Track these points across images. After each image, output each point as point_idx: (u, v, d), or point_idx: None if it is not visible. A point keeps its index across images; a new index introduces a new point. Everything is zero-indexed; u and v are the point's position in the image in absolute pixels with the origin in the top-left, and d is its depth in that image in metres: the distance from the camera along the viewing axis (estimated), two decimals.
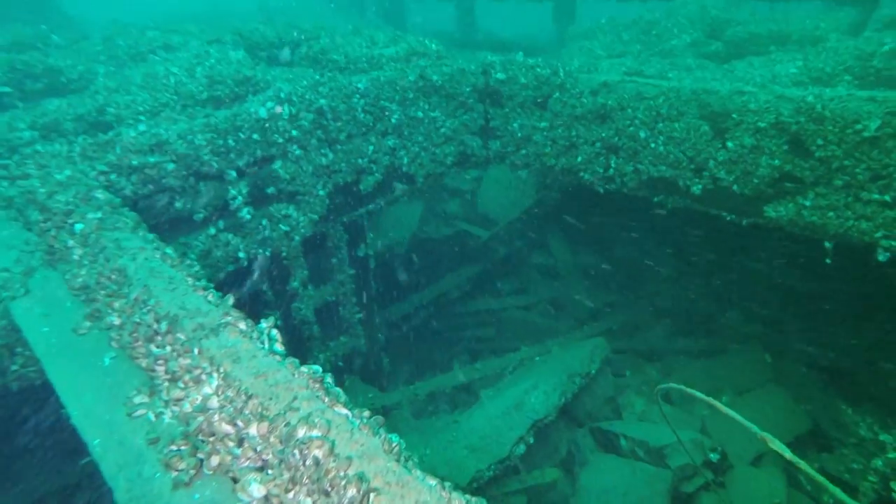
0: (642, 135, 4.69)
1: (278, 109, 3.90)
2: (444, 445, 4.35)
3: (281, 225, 4.24)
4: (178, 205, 3.61)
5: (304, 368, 1.77)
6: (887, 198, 3.69)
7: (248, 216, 4.00)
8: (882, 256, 3.83)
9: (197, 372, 1.74)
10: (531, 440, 4.25)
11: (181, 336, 1.88)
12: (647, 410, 5.13)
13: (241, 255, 3.99)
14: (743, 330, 6.18)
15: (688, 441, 4.35)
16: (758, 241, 5.71)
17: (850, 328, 5.68)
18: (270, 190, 4.13)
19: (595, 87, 4.86)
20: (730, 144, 4.24)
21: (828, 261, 4.13)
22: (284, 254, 4.38)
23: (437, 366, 7.39)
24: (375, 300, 5.60)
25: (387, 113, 4.79)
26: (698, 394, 2.70)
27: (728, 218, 4.54)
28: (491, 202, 8.82)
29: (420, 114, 5.04)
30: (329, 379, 1.78)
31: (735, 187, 4.33)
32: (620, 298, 7.47)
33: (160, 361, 1.81)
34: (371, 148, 4.75)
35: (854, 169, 3.76)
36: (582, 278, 7.97)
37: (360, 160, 4.69)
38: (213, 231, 3.82)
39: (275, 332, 2.01)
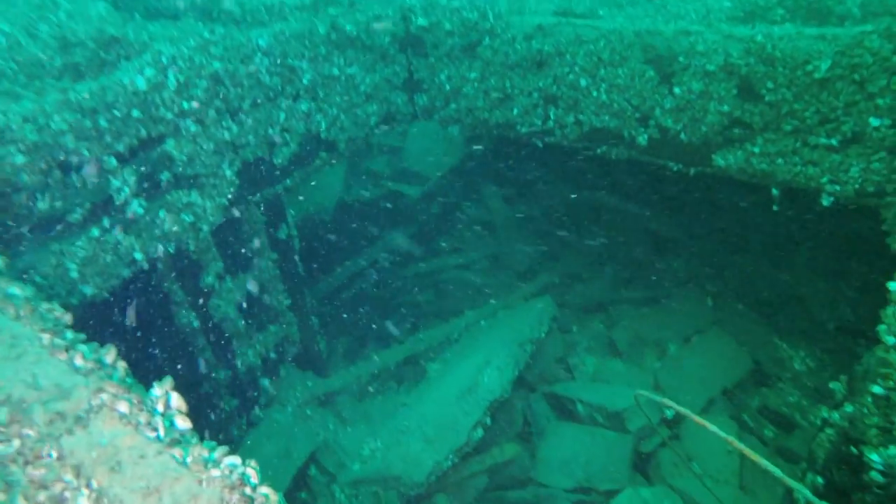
0: (583, 83, 4.32)
1: (162, 79, 3.18)
2: (395, 437, 4.04)
3: (183, 215, 3.59)
4: (41, 205, 2.89)
5: (216, 472, 1.30)
6: (834, 142, 3.57)
7: (141, 210, 3.33)
8: (826, 201, 3.74)
9: (56, 489, 1.24)
10: (488, 422, 4.03)
11: (30, 432, 1.35)
12: (599, 369, 5.03)
13: (137, 256, 3.34)
14: (683, 274, 6.19)
15: (647, 401, 4.27)
16: (697, 188, 5.61)
17: (779, 266, 5.79)
18: (165, 176, 3.44)
19: (529, 31, 4.39)
20: (677, 90, 3.96)
21: (775, 207, 4.03)
22: (192, 248, 3.74)
23: (378, 336, 7.04)
24: (304, 281, 5.07)
25: (297, 73, 4.11)
26: (672, 404, 2.51)
27: (675, 168, 4.33)
28: (419, 157, 8.29)
29: (335, 71, 4.39)
30: (255, 477, 1.33)
31: (682, 136, 4.08)
32: (560, 249, 7.31)
33: None
34: (282, 115, 4.09)
35: (804, 113, 3.59)
36: (519, 230, 7.74)
37: (270, 130, 4.04)
38: (96, 232, 3.13)
39: (174, 398, 1.52)
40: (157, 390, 1.48)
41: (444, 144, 8.14)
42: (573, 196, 7.28)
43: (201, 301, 3.99)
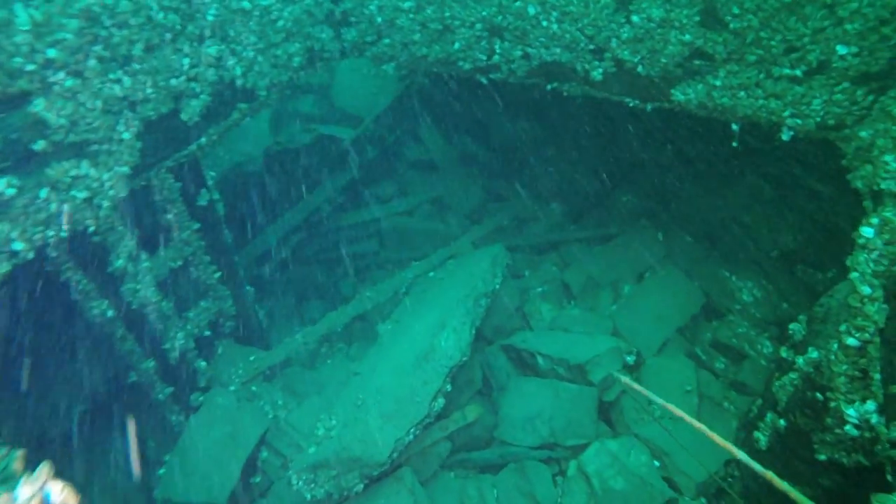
0: (531, 11, 3.87)
1: (8, 17, 2.50)
2: (352, 413, 3.77)
3: (74, 192, 2.99)
4: None
5: None
6: (798, 72, 3.35)
7: (13, 190, 2.72)
8: (786, 135, 3.59)
9: None
10: (448, 388, 3.82)
11: None
12: (556, 317, 4.91)
13: (16, 246, 2.76)
14: (632, 208, 6.07)
15: (606, 351, 4.19)
16: (645, 122, 5.38)
17: (723, 195, 5.76)
18: (39, 145, 2.81)
19: None
20: (635, 19, 3.59)
21: (734, 144, 3.85)
22: (92, 229, 3.16)
23: (322, 293, 6.65)
24: (233, 249, 4.56)
25: (198, 7, 3.42)
26: (652, 395, 2.31)
27: (631, 104, 4.04)
28: (349, 96, 7.62)
29: (246, 3, 3.71)
30: None
31: (640, 69, 3.76)
32: (505, 187, 7.03)
33: None
34: (186, 61, 3.44)
35: (769, 41, 3.33)
36: (461, 167, 7.36)
37: (173, 80, 3.39)
38: None
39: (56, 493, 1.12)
40: (26, 489, 1.08)
41: (376, 81, 7.49)
42: (519, 130, 6.93)
43: (112, 288, 3.45)
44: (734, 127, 3.77)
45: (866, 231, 2.64)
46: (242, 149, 6.74)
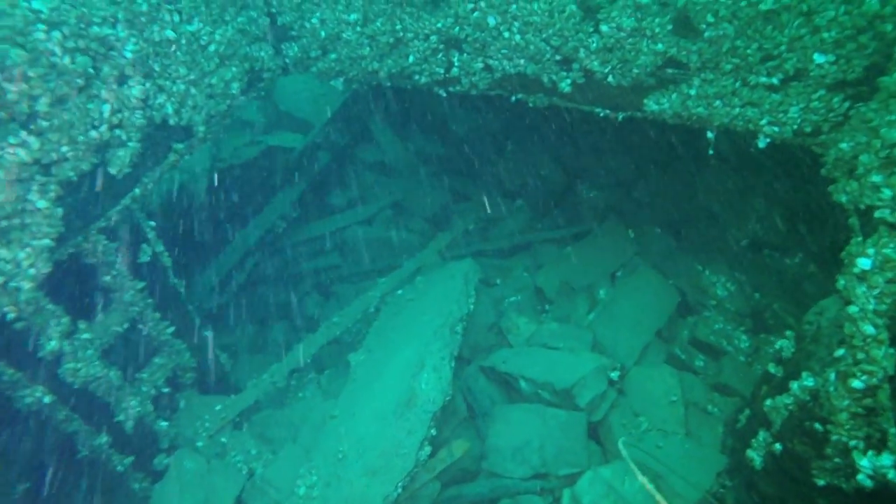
0: (491, 22, 3.56)
1: None
2: (333, 469, 3.54)
3: None
4: None
5: None
6: (775, 80, 3.20)
7: None
8: (762, 143, 3.46)
9: None
10: (434, 433, 3.63)
11: None
12: (535, 332, 4.75)
13: None
14: (599, 204, 5.93)
15: (591, 371, 4.06)
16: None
17: (689, 186, 5.68)
18: None
19: None
20: (604, 28, 3.34)
21: (710, 152, 3.71)
22: (12, 316, 2.75)
23: (285, 313, 6.30)
24: (187, 296, 4.18)
25: (113, 44, 2.97)
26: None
27: (602, 114, 3.82)
28: (294, 99, 7.13)
29: (170, 32, 3.26)
30: None
31: (611, 79, 3.54)
32: (467, 185, 6.77)
33: None
34: (106, 107, 2.99)
35: (745, 50, 3.15)
36: (420, 167, 7.04)
37: (92, 132, 2.95)
38: None
39: None
40: None
41: (323, 82, 7.01)
42: (479, 125, 6.63)
43: (47, 372, 3.05)
44: (709, 135, 3.61)
45: (863, 262, 2.54)
46: (184, 165, 6.21)
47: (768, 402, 3.25)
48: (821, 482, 2.85)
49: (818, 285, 5.10)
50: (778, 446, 3.09)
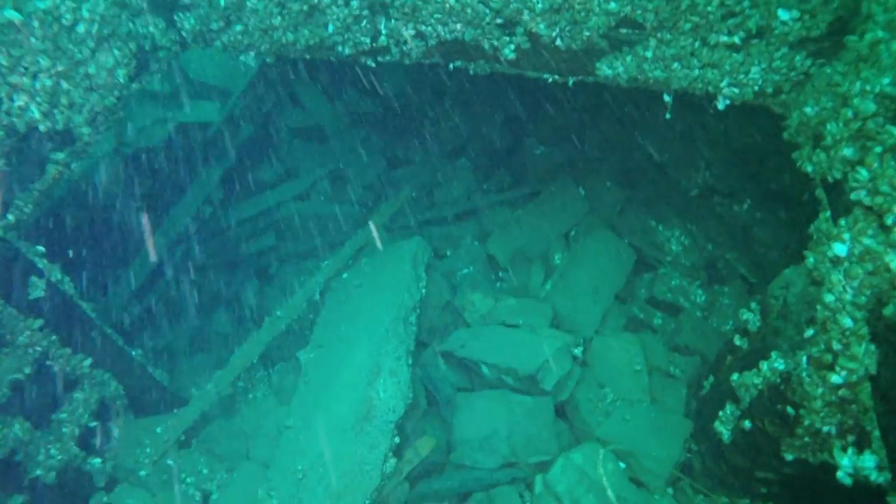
0: None
1: None
2: (294, 491, 3.30)
3: None
4: None
5: None
6: (736, 39, 2.93)
7: None
8: (722, 104, 3.22)
9: None
10: (397, 440, 3.42)
11: None
12: (492, 309, 4.54)
13: None
14: (548, 161, 5.65)
15: (555, 352, 3.92)
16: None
17: (638, 136, 5.47)
18: None
19: None
20: None
21: (668, 115, 3.45)
22: None
23: (226, 305, 5.84)
24: (104, 313, 3.69)
25: None
26: None
27: (551, 80, 3.46)
28: (206, 63, 6.31)
29: (11, 12, 2.60)
30: None
31: (559, 42, 3.16)
32: (405, 147, 6.32)
33: None
34: None
35: (706, 7, 2.84)
36: (353, 130, 6.50)
37: None
38: None
39: None
40: None
41: None
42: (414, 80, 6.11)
43: None
44: (667, 98, 3.34)
45: (839, 248, 2.39)
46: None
47: (735, 376, 3.20)
48: (790, 457, 2.85)
49: (767, 230, 5.11)
50: (747, 423, 3.07)
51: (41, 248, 3.11)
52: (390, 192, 5.92)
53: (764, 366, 2.93)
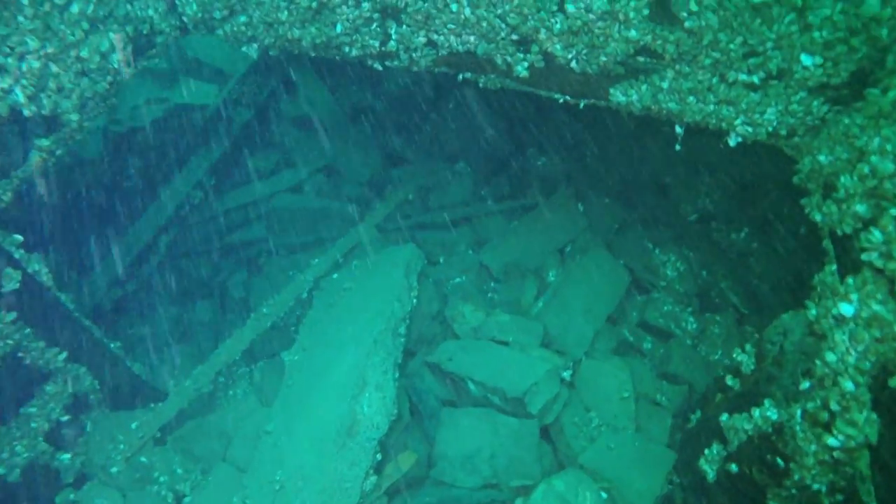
0: None
1: None
2: (270, 499, 3.23)
3: None
4: None
5: None
6: (755, 78, 2.85)
7: None
8: (733, 141, 3.16)
9: None
10: (379, 457, 3.35)
11: None
12: (482, 323, 4.46)
13: None
14: (548, 173, 5.57)
15: (544, 375, 3.87)
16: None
17: (641, 155, 5.41)
18: None
19: None
20: (570, 8, 2.84)
21: (677, 147, 3.38)
22: None
23: (209, 292, 5.72)
24: (79, 308, 3.56)
25: None
26: None
27: (561, 100, 3.37)
28: (205, 42, 6.11)
29: None
30: None
31: (574, 65, 3.07)
32: (404, 145, 6.20)
33: None
34: None
35: (728, 44, 2.76)
36: (352, 124, 6.37)
37: None
38: None
39: None
40: None
41: None
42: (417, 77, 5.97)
43: None
44: (678, 130, 3.27)
45: (845, 308, 2.34)
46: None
47: (724, 417, 3.16)
48: None
49: (762, 262, 5.09)
50: (734, 467, 3.04)
51: (19, 237, 2.97)
52: (387, 191, 5.81)
53: (756, 412, 2.89)
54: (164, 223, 5.30)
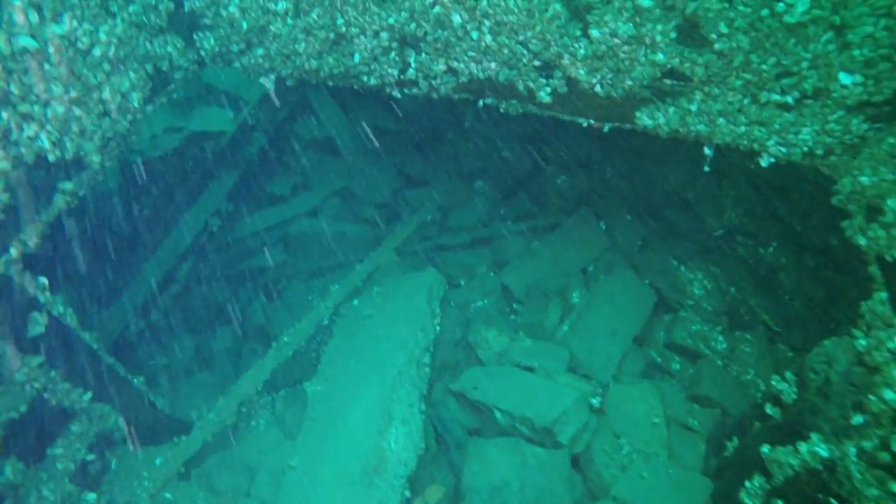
0: (456, 19, 2.90)
1: None
2: None
3: None
4: None
5: None
6: (789, 99, 2.75)
7: None
8: (766, 162, 3.06)
9: None
10: (408, 494, 3.27)
11: None
12: (507, 349, 4.37)
13: None
14: (569, 191, 5.48)
15: (574, 401, 3.76)
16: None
17: (663, 170, 5.30)
18: None
19: None
20: (594, 33, 2.76)
21: (706, 168, 3.28)
22: None
23: (231, 323, 5.68)
24: (102, 340, 3.53)
25: None
26: None
27: (586, 124, 3.30)
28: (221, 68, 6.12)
29: (27, 40, 2.44)
30: None
31: (599, 89, 2.99)
32: (421, 167, 6.15)
33: None
34: None
35: (760, 65, 2.66)
36: (368, 145, 6.33)
37: None
38: None
39: None
40: None
41: None
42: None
43: None
44: (707, 151, 3.17)
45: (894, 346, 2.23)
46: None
47: (766, 448, 3.04)
48: None
49: (792, 277, 4.95)
50: (780, 502, 2.92)
51: (44, 280, 2.95)
52: (405, 214, 5.76)
53: (803, 447, 2.77)
54: (182, 252, 5.29)
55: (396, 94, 3.45)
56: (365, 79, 3.34)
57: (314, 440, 3.73)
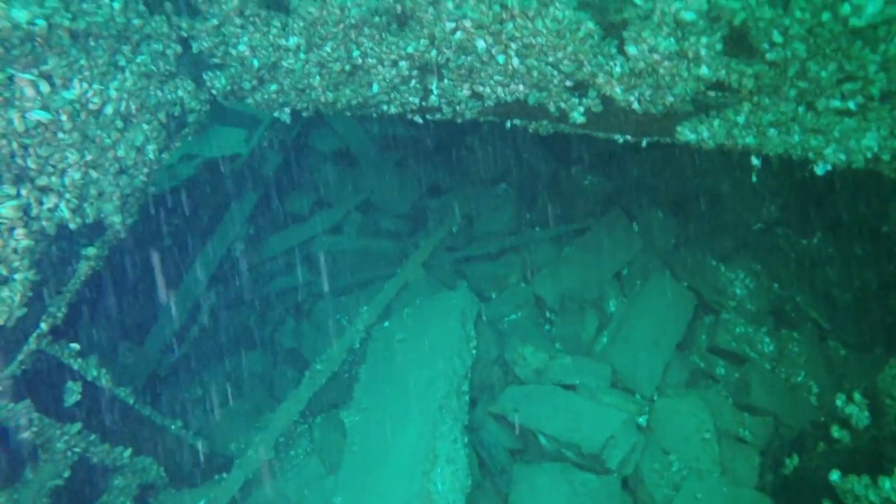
0: (480, 45, 2.70)
1: None
2: None
3: None
4: None
5: None
6: (851, 105, 2.52)
7: None
8: (821, 170, 2.84)
9: None
10: None
11: None
12: (546, 366, 4.23)
13: None
14: (598, 192, 5.27)
15: (621, 423, 3.62)
16: None
17: (692, 162, 5.05)
18: None
19: None
20: (632, 50, 2.55)
21: (753, 178, 3.07)
22: None
23: (261, 345, 5.63)
24: (138, 404, 3.47)
25: None
26: None
27: (622, 140, 3.10)
28: None
29: (41, 113, 2.32)
30: None
31: (636, 106, 2.79)
32: (442, 173, 5.98)
33: None
34: None
35: (820, 72, 2.44)
36: (386, 154, 6.17)
37: None
38: None
39: None
40: None
41: None
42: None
43: None
44: (755, 161, 2.96)
45: None
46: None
47: (836, 476, 2.87)
48: None
49: (840, 269, 4.71)
50: None
51: (76, 346, 2.87)
52: (430, 225, 5.61)
53: (886, 483, 2.60)
54: (206, 281, 5.22)
55: (418, 119, 3.28)
56: (385, 107, 3.18)
57: (357, 478, 3.65)
